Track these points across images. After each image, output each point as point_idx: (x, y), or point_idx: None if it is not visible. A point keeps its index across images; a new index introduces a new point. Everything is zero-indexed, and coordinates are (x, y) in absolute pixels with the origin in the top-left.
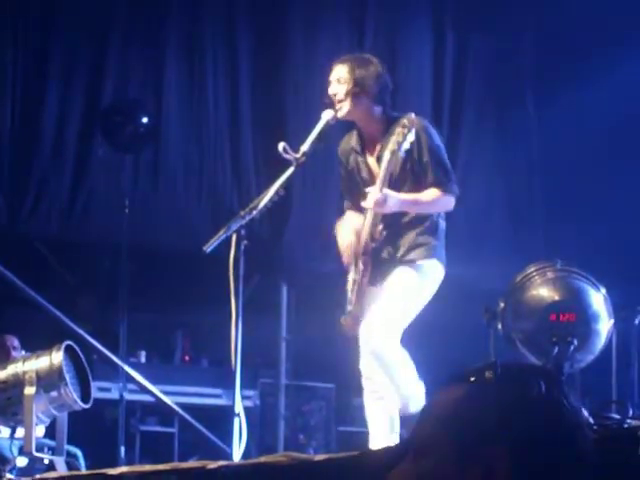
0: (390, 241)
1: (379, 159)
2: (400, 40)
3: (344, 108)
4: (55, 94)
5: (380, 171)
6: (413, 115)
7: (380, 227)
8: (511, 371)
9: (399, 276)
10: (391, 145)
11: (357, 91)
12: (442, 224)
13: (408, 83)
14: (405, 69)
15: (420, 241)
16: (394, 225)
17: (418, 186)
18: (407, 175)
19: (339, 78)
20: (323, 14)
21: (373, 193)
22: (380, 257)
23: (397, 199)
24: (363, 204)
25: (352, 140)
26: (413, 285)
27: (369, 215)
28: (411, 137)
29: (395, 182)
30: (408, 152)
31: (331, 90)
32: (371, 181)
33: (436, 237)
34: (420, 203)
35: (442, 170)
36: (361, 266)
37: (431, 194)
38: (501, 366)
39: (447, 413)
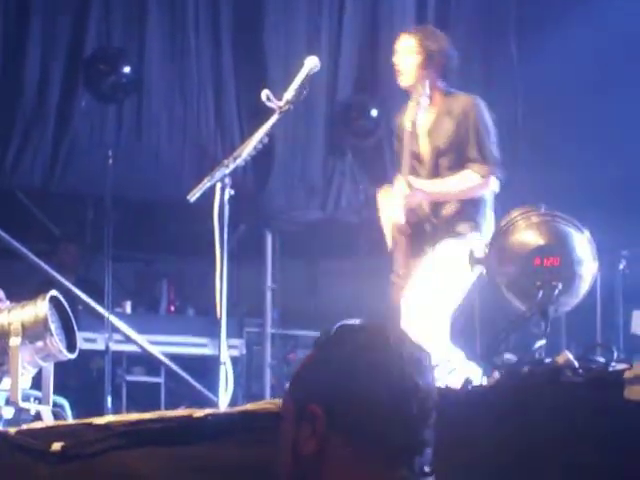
0: (435, 214)
1: (430, 132)
2: None
3: (407, 79)
4: (37, 45)
5: (404, 157)
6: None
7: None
8: (344, 333)
9: (445, 251)
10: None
11: (427, 64)
12: (487, 200)
13: (391, 32)
14: (389, 18)
15: (464, 215)
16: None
17: (460, 163)
18: (451, 150)
19: (406, 49)
20: None
21: (401, 187)
22: (425, 229)
23: (422, 191)
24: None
25: (408, 111)
26: (456, 267)
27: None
28: (424, 102)
29: (439, 156)
30: (458, 125)
31: (396, 59)
32: (418, 155)
33: (480, 211)
34: (451, 191)
35: (483, 149)
36: (401, 241)
37: (462, 178)
38: (339, 329)
39: (292, 377)
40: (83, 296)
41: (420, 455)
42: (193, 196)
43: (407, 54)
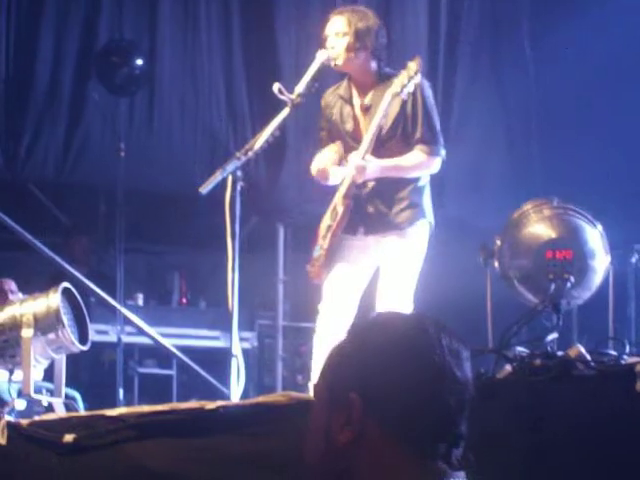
0: (378, 195)
1: (367, 110)
2: None
3: (341, 60)
4: (50, 37)
5: (367, 134)
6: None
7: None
8: (382, 322)
9: (400, 256)
10: (393, 88)
11: (356, 45)
12: (428, 182)
13: (404, 25)
14: (400, 11)
15: (411, 201)
16: (382, 180)
17: (405, 144)
18: (397, 130)
19: (338, 31)
20: None
21: (355, 159)
22: (366, 210)
23: (378, 167)
24: (342, 169)
25: (340, 90)
26: (414, 257)
27: (348, 178)
28: (417, 80)
29: (384, 137)
30: (404, 105)
31: (329, 43)
32: (355, 134)
33: (424, 195)
34: (402, 169)
35: (431, 130)
36: (340, 210)
37: (413, 158)
38: (377, 317)
39: (325, 364)
40: (95, 288)
41: (457, 447)
42: (205, 188)
43: (337, 36)
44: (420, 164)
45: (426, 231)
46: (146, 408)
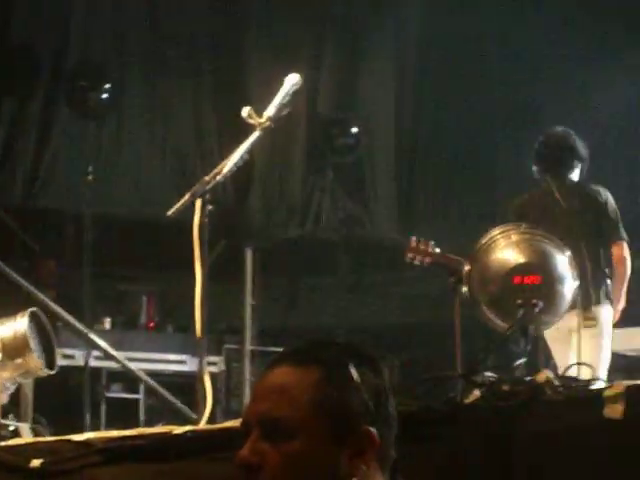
0: None
1: None
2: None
3: None
4: (18, 61)
5: None
6: None
7: None
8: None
9: None
10: None
11: None
12: None
13: (371, 49)
14: (369, 36)
15: None
16: None
17: None
18: None
19: None
20: None
21: None
22: None
23: None
24: None
25: None
26: None
27: None
28: None
29: None
30: None
31: None
32: None
33: None
34: None
35: None
36: None
37: None
38: (352, 350)
39: (315, 396)
40: (62, 312)
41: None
42: (173, 212)
43: None
44: None
45: None
46: (113, 433)
